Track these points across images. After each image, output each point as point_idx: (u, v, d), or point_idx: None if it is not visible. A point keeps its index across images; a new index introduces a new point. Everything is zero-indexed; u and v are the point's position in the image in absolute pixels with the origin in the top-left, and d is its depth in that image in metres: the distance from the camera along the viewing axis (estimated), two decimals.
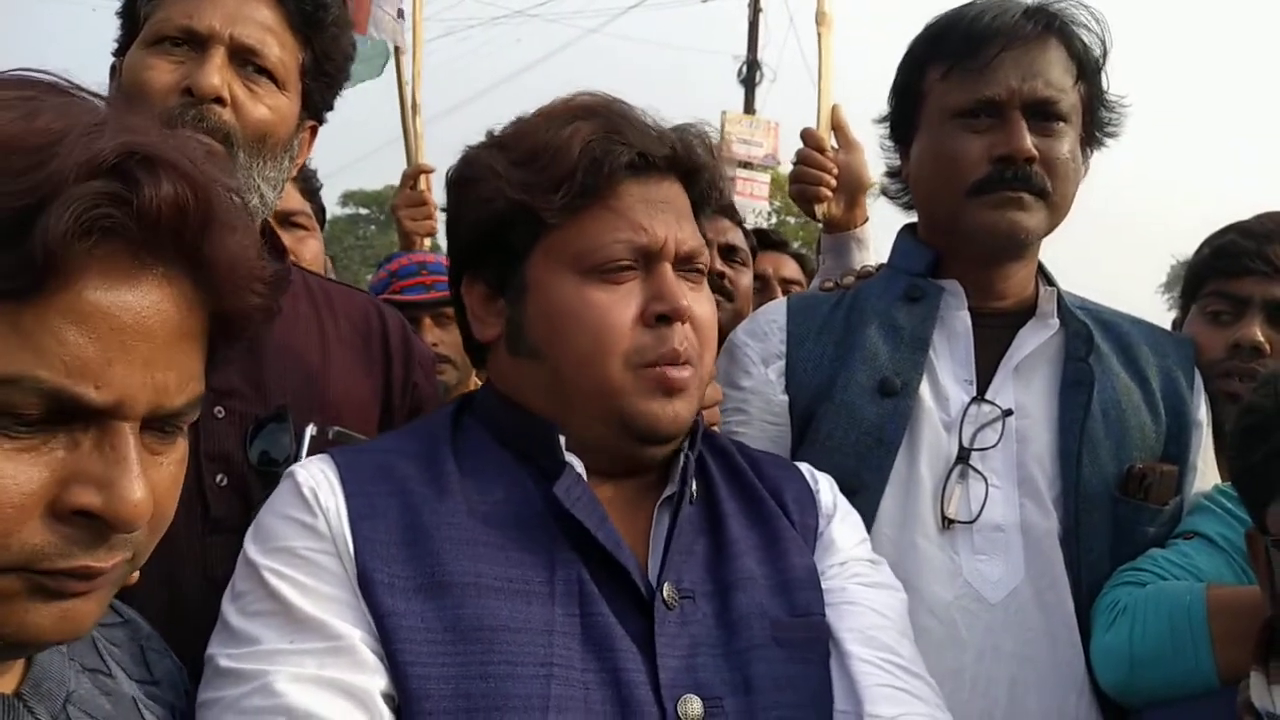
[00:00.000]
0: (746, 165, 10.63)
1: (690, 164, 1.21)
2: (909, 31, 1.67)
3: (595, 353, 1.12)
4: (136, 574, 0.91)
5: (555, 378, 1.15)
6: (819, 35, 2.27)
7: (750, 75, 17.98)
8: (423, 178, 2.82)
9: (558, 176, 1.12)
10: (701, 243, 1.22)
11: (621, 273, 1.14)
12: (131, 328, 0.73)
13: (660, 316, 1.13)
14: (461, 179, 1.23)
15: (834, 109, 2.16)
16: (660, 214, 1.16)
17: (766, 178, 10.55)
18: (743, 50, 18.28)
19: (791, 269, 3.22)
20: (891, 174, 1.76)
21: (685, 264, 1.18)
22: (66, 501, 0.71)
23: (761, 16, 18.16)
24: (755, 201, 9.88)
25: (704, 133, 1.24)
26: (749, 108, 16.78)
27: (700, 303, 1.19)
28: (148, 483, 0.74)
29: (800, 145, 2.14)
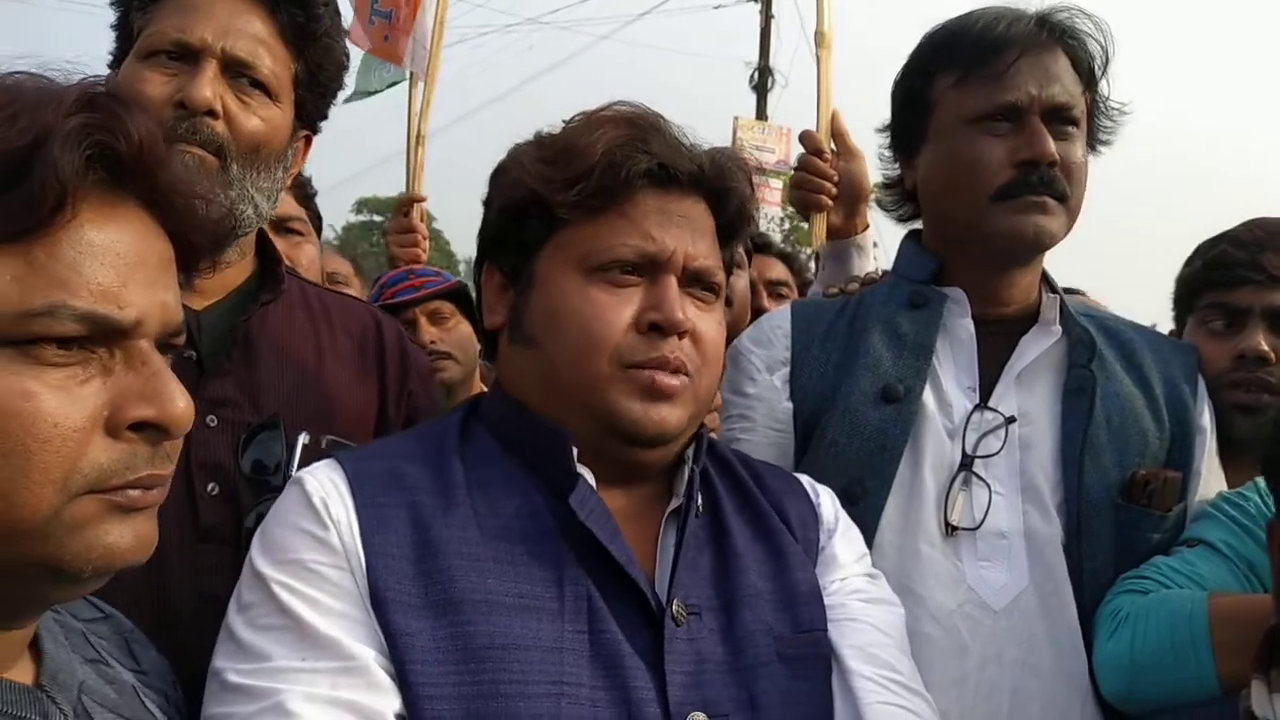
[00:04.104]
0: (759, 171, 10.62)
1: (719, 184, 1.20)
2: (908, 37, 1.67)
3: (585, 347, 1.13)
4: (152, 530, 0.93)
5: (548, 368, 1.15)
6: (818, 57, 2.26)
7: (762, 82, 17.97)
8: (415, 207, 2.88)
9: (575, 174, 1.13)
10: (717, 263, 1.20)
11: (624, 276, 1.14)
12: (130, 254, 0.79)
13: (654, 325, 1.13)
14: (498, 167, 1.25)
15: (833, 115, 2.15)
16: (674, 226, 1.16)
17: (779, 183, 10.52)
18: (754, 57, 18.29)
19: (778, 270, 3.22)
20: (888, 185, 1.76)
21: (695, 282, 1.18)
22: (123, 418, 0.78)
23: (773, 23, 18.16)
24: (768, 207, 9.84)
25: (740, 158, 1.23)
26: (761, 114, 16.73)
27: (706, 322, 1.18)
28: None
29: (801, 150, 2.14)
